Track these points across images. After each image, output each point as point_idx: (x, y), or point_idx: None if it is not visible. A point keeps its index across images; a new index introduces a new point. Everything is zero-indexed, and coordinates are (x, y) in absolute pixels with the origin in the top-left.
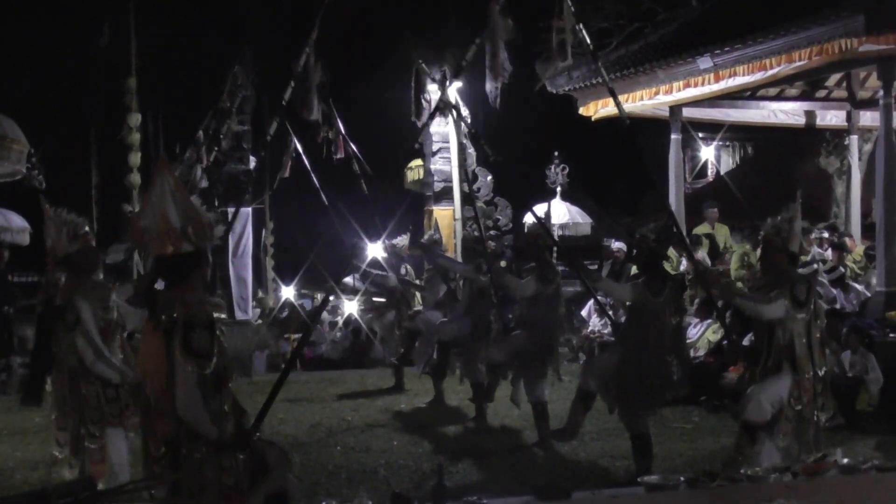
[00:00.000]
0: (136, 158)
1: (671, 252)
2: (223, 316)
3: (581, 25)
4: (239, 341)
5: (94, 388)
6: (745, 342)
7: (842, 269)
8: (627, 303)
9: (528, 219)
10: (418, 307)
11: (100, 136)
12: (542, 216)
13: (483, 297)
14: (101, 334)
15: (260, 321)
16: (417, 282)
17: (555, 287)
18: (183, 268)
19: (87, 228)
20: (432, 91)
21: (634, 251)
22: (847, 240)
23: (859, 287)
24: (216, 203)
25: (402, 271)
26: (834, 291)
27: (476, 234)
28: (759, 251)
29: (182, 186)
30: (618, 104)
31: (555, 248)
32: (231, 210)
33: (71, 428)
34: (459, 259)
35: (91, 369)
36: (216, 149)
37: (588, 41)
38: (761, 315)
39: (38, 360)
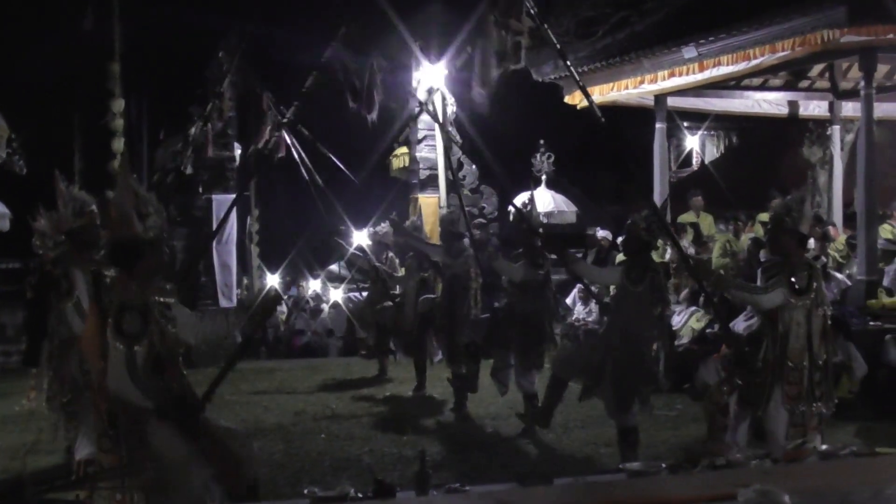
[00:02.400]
0: (119, 144)
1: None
2: (171, 300)
3: (546, 25)
4: (210, 329)
5: (79, 355)
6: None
7: (823, 258)
8: (610, 288)
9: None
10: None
11: (83, 122)
12: (525, 204)
13: (456, 283)
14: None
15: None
16: (396, 273)
17: (545, 273)
18: (122, 255)
19: (93, 207)
20: (419, 75)
21: (623, 237)
22: (830, 228)
23: (840, 276)
24: (200, 190)
25: (384, 258)
26: None
27: (455, 215)
28: (742, 237)
29: (129, 176)
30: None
31: (540, 235)
32: (216, 197)
33: (59, 395)
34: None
35: (78, 335)
36: (204, 136)
37: (554, 40)
38: (758, 305)
39: (33, 327)
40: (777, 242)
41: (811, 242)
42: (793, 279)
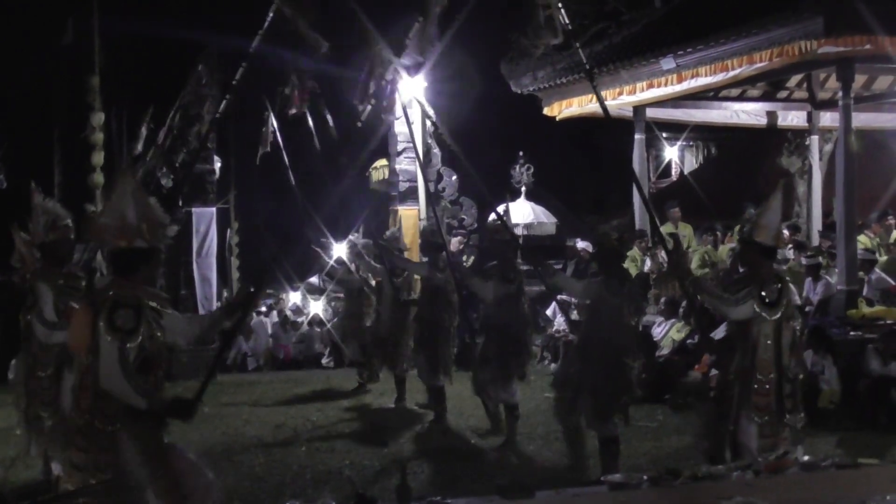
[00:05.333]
0: (99, 158)
1: (636, 251)
2: (163, 310)
3: (561, 4)
4: (179, 332)
5: (49, 370)
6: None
7: (820, 259)
8: (586, 301)
9: (493, 217)
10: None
11: (62, 135)
12: (501, 216)
13: (437, 297)
14: (62, 317)
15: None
16: (373, 282)
17: (517, 286)
18: (133, 261)
19: (68, 221)
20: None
21: (594, 249)
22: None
23: (829, 279)
24: (181, 203)
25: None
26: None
27: (437, 227)
28: (721, 248)
29: (141, 187)
30: (598, 95)
31: (518, 246)
32: (196, 210)
33: (29, 410)
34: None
35: (47, 342)
36: (184, 150)
37: (566, 21)
38: (727, 316)
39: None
40: (741, 253)
41: (789, 252)
42: (763, 293)
